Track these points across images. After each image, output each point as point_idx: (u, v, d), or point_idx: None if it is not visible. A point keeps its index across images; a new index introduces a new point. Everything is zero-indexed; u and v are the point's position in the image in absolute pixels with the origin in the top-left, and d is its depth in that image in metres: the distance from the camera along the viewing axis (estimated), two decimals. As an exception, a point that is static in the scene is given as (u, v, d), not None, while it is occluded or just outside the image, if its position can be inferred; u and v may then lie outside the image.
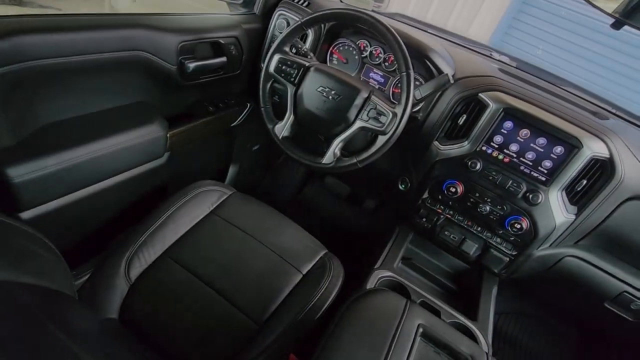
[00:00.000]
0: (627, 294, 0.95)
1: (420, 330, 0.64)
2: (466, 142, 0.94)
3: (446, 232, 1.01)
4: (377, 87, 1.11)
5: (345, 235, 1.61)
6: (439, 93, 0.97)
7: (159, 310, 0.77)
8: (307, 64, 0.90)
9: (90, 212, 0.90)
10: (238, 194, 1.03)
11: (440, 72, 0.96)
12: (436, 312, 0.87)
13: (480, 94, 0.91)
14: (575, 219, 0.90)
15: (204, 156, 1.34)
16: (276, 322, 0.77)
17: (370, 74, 1.11)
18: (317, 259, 0.92)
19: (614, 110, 1.09)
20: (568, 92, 1.08)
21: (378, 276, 0.92)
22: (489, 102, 0.89)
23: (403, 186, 1.09)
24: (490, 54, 1.21)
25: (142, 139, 0.89)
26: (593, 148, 0.82)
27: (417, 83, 1.03)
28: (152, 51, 0.85)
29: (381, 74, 1.10)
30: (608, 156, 0.83)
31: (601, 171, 0.85)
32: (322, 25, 1.08)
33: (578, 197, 0.88)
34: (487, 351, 0.82)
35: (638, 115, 1.13)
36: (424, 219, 1.04)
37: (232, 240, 0.91)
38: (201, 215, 0.95)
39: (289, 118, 0.93)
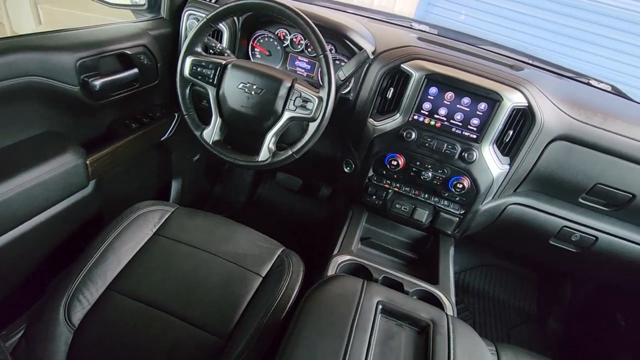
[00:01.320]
0: (566, 228, 1.02)
1: (380, 307, 0.64)
2: (398, 115, 0.95)
3: (397, 205, 1.03)
4: (305, 74, 1.09)
5: (306, 227, 1.60)
6: (363, 70, 0.97)
7: (112, 350, 0.71)
8: (223, 62, 0.86)
9: (11, 263, 0.81)
10: (182, 209, 0.98)
11: (360, 49, 0.96)
12: (399, 285, 0.88)
13: (402, 65, 0.92)
14: (509, 169, 0.94)
15: (139, 176, 1.25)
16: (241, 331, 0.74)
17: (296, 62, 1.09)
18: (275, 258, 0.90)
19: (529, 61, 1.16)
20: (486, 51, 1.12)
21: (337, 262, 0.91)
22: (411, 71, 0.90)
23: (348, 168, 1.09)
24: (410, 25, 1.23)
25: (55, 172, 0.80)
26: (512, 99, 0.86)
27: (342, 64, 1.02)
28: (45, 74, 0.76)
29: (306, 60, 1.08)
30: (527, 104, 0.87)
31: (523, 120, 0.89)
32: (236, 20, 1.03)
33: (508, 148, 0.93)
34: (450, 311, 0.84)
35: (552, 62, 1.21)
36: (374, 197, 1.05)
37: (182, 258, 0.86)
38: (144, 239, 0.89)
39: (216, 121, 0.89)
